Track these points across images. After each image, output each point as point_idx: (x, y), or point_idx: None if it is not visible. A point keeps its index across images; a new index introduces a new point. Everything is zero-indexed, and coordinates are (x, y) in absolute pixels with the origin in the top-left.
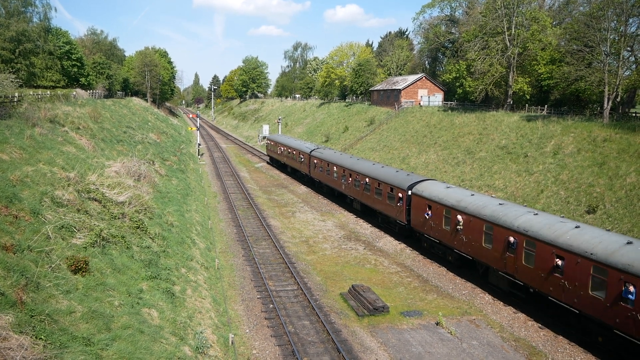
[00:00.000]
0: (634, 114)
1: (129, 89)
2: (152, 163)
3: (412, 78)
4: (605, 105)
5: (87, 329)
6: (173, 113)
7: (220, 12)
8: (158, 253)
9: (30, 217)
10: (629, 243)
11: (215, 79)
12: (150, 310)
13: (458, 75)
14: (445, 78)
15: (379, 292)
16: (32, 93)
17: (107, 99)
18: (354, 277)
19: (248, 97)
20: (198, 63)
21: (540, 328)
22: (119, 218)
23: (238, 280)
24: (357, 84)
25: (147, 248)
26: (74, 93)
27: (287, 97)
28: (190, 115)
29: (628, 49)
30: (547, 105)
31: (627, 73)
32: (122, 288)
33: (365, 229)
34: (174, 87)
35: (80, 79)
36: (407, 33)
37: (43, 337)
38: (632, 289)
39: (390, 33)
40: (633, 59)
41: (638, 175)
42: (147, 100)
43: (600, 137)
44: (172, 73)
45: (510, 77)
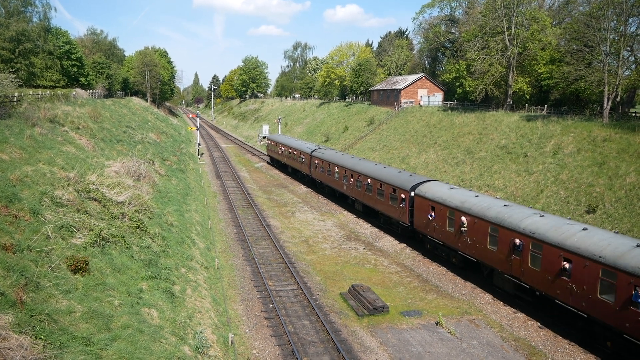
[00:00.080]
0: (634, 114)
1: (129, 89)
2: (151, 163)
3: (412, 78)
4: (605, 105)
5: (86, 329)
6: (173, 113)
7: (220, 11)
8: (158, 253)
9: (30, 217)
10: (639, 246)
11: (215, 79)
12: (150, 310)
13: (458, 75)
14: (445, 78)
15: (379, 291)
16: (31, 93)
17: (106, 99)
18: (354, 276)
19: (248, 97)
20: (198, 63)
21: (540, 328)
22: (119, 218)
23: (238, 280)
24: (357, 84)
25: (146, 248)
26: (74, 93)
27: (287, 97)
28: (190, 115)
29: (628, 49)
30: (546, 105)
31: (626, 73)
32: (121, 288)
33: (365, 229)
34: (174, 87)
35: (80, 79)
36: (407, 33)
37: (43, 336)
38: None
39: (390, 33)
40: (633, 59)
41: (638, 175)
42: (147, 100)
43: (600, 137)
44: (172, 73)
45: (510, 77)
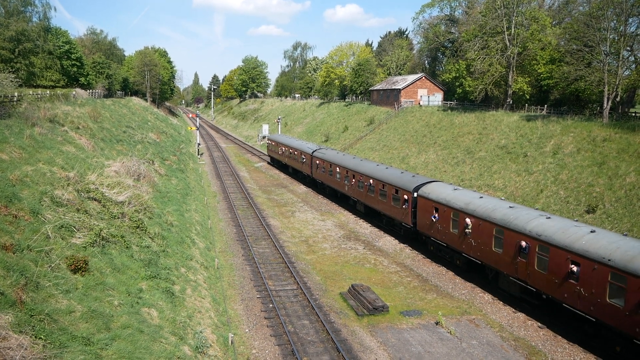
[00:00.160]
0: (634, 114)
1: (129, 89)
2: (151, 163)
3: (411, 78)
4: (605, 105)
5: (86, 329)
6: (173, 113)
7: (220, 11)
8: (158, 253)
9: (30, 216)
10: None
11: (215, 79)
12: (150, 310)
13: (458, 75)
14: (445, 78)
15: (379, 291)
16: (31, 93)
17: (106, 99)
18: (354, 276)
19: (248, 96)
20: (198, 63)
21: (540, 327)
22: (119, 218)
23: (238, 280)
24: (356, 84)
25: (146, 248)
26: (74, 93)
27: (286, 96)
28: (190, 115)
29: (628, 49)
30: (546, 105)
31: (626, 73)
32: (121, 287)
33: (365, 229)
34: (174, 86)
35: (80, 79)
36: (406, 33)
37: (42, 336)
38: None
39: (390, 33)
40: (633, 59)
41: (637, 175)
42: (146, 100)
43: (600, 136)
44: (171, 73)
45: (510, 76)
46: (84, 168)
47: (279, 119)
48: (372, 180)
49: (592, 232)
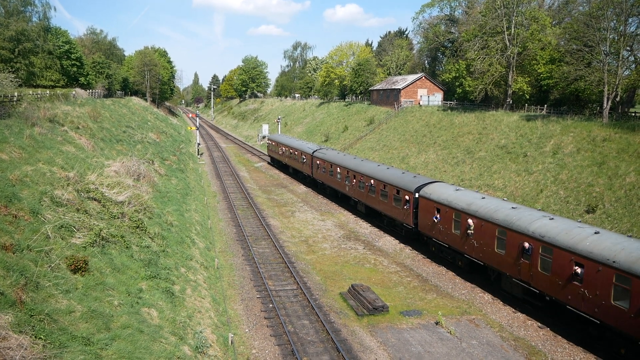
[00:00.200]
0: (634, 114)
1: (129, 89)
2: (151, 162)
3: (411, 78)
4: (605, 105)
5: (86, 329)
6: (172, 112)
7: (220, 11)
8: (157, 252)
9: (30, 216)
10: None
11: (215, 79)
12: (150, 310)
13: (457, 75)
14: (445, 78)
15: (379, 291)
16: (31, 92)
17: (106, 99)
18: (354, 276)
19: (247, 96)
20: (197, 62)
21: (540, 327)
22: (119, 217)
23: (237, 280)
24: (356, 84)
25: (146, 248)
26: (74, 92)
27: (286, 96)
28: (190, 115)
29: (627, 49)
30: (546, 105)
31: (626, 73)
32: (121, 287)
33: (365, 229)
34: (174, 86)
35: (80, 79)
36: (406, 32)
37: (42, 336)
38: None
39: (390, 32)
40: (632, 59)
41: (637, 175)
42: (146, 100)
43: (600, 136)
44: (171, 72)
45: (510, 76)
46: (84, 168)
47: (279, 119)
48: (373, 181)
49: (596, 233)
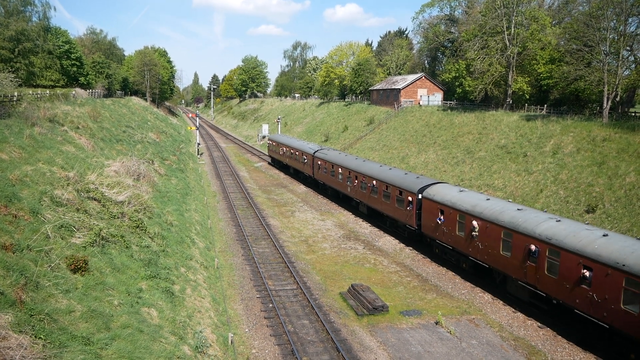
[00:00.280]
0: (634, 114)
1: (129, 89)
2: (151, 162)
3: (411, 77)
4: (605, 105)
5: (86, 328)
6: (172, 112)
7: (220, 11)
8: (157, 252)
9: (30, 216)
10: None
11: (215, 79)
12: (150, 310)
13: (457, 75)
14: (445, 77)
15: (379, 291)
16: (31, 92)
17: (106, 99)
18: (354, 276)
19: (247, 96)
20: (197, 62)
21: (540, 327)
22: (119, 217)
23: (237, 280)
24: (356, 84)
25: (146, 247)
26: (73, 92)
27: (286, 96)
28: (190, 115)
29: (627, 49)
30: (546, 105)
31: (626, 72)
32: (121, 287)
33: (365, 229)
34: (174, 86)
35: (80, 79)
36: (406, 32)
37: (42, 336)
38: None
39: (390, 32)
40: (632, 59)
41: (637, 175)
42: (146, 100)
43: (600, 136)
44: (171, 72)
45: (510, 76)
46: (84, 168)
47: (279, 119)
48: (375, 182)
49: (604, 235)
